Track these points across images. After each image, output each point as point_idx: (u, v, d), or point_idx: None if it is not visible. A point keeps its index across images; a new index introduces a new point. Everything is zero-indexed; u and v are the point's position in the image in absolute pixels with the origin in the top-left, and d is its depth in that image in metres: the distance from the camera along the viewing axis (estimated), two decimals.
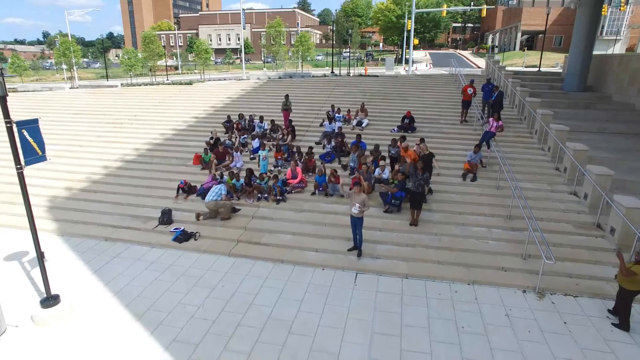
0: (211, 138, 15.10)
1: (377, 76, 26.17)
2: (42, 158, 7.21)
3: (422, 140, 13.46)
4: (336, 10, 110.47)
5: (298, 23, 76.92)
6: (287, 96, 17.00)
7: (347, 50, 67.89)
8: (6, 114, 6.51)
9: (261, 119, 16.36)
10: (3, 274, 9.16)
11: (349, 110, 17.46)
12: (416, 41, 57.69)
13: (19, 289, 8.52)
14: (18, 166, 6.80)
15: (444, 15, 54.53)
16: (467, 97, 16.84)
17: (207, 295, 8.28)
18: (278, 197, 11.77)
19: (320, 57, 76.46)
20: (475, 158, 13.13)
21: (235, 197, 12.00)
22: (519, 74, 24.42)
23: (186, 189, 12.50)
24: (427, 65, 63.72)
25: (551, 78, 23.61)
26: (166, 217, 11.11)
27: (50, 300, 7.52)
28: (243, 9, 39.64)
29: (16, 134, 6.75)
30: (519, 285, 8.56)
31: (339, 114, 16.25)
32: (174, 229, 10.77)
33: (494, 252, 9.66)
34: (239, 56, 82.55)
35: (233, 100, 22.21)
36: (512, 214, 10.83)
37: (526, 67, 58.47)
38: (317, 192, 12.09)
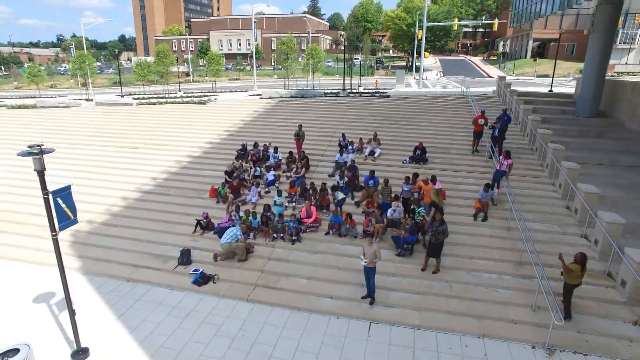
0: (226, 171, 15.50)
1: (389, 96, 26.36)
2: (74, 221, 7.62)
3: (433, 178, 13.66)
4: (348, 15, 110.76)
5: (308, 32, 77.20)
6: (300, 126, 17.33)
7: (358, 57, 68.20)
8: (44, 187, 6.93)
9: (275, 149, 16.73)
10: (33, 318, 9.61)
11: (360, 139, 17.76)
12: (427, 54, 57.87)
13: (49, 337, 8.94)
14: (53, 233, 7.21)
15: (455, 27, 54.19)
16: (479, 127, 17.02)
17: (228, 346, 8.63)
18: (293, 238, 12.10)
19: (330, 64, 76.82)
20: (486, 196, 13.33)
21: (252, 236, 12.36)
22: (530, 96, 24.48)
23: (204, 224, 12.87)
24: (437, 74, 63.70)
25: (563, 101, 23.61)
26: (185, 258, 11.51)
27: (80, 353, 7.96)
28: (255, 21, 40.09)
29: (51, 201, 7.16)
30: (528, 341, 8.76)
31: (351, 146, 16.53)
32: (193, 270, 11.15)
33: (504, 302, 9.87)
34: (249, 62, 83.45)
35: (246, 123, 22.62)
36: (522, 260, 11.00)
37: (537, 76, 58.29)
38: (330, 232, 12.41)
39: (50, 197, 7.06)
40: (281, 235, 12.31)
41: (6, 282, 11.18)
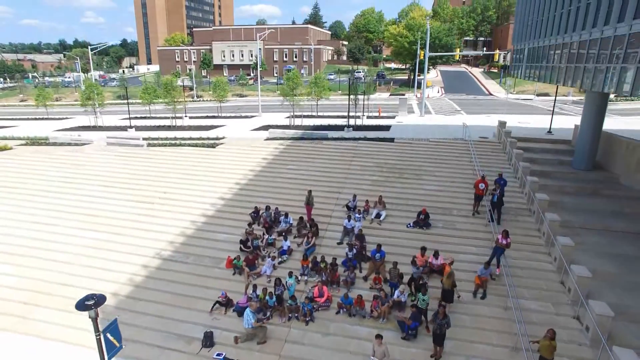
0: (241, 240, 16.47)
1: (393, 139, 27.32)
2: (120, 348, 8.56)
3: (436, 253, 14.62)
4: (349, 25, 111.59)
5: (311, 48, 77.91)
6: (309, 192, 18.27)
7: (360, 70, 68.99)
8: (97, 329, 7.89)
9: (286, 215, 17.71)
10: None
11: (367, 201, 18.72)
12: (429, 83, 58.75)
13: None
14: None
15: (457, 58, 54.94)
16: (480, 191, 17.94)
17: None
18: (307, 319, 13.07)
19: (332, 76, 77.79)
20: (486, 273, 14.24)
21: (268, 314, 13.31)
22: (529, 141, 25.37)
23: (223, 303, 13.83)
24: (438, 91, 64.60)
25: (561, 150, 24.50)
26: (208, 341, 12.47)
27: None
28: (260, 49, 41.00)
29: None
30: None
31: (359, 214, 17.47)
32: (217, 354, 12.06)
33: None
34: (252, 75, 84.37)
35: (256, 174, 23.54)
36: (518, 345, 11.86)
37: (538, 95, 59.06)
38: (341, 311, 13.39)
39: (102, 336, 8.02)
40: (296, 315, 13.27)
41: None
